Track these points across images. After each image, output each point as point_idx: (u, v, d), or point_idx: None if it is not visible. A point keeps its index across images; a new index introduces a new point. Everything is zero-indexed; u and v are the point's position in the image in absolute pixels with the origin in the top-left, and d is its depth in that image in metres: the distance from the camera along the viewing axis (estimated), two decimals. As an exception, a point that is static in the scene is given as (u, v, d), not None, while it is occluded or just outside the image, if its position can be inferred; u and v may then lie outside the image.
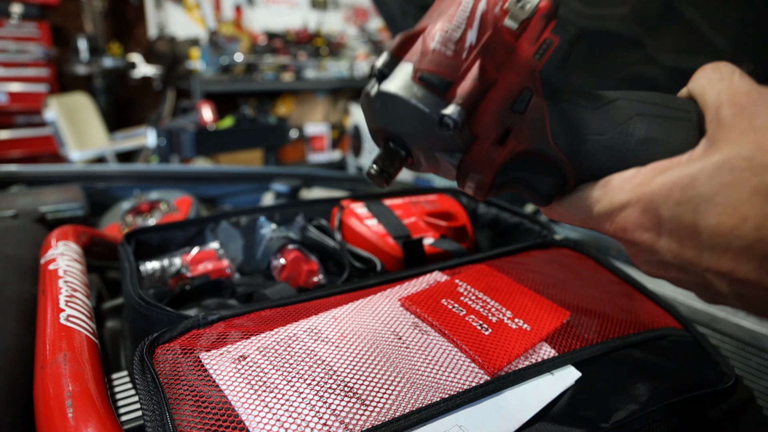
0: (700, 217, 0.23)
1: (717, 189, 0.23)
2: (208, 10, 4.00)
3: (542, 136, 0.29)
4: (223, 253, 0.72)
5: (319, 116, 4.69)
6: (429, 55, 0.28)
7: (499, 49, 0.29)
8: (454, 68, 0.28)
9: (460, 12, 0.29)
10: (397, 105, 0.28)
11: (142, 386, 0.39)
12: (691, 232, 0.24)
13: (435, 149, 0.29)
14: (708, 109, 0.26)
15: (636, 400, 0.43)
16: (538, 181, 0.30)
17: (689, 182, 0.24)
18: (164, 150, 2.36)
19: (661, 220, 0.25)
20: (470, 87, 0.28)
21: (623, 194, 0.27)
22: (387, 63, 0.29)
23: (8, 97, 3.46)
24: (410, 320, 0.49)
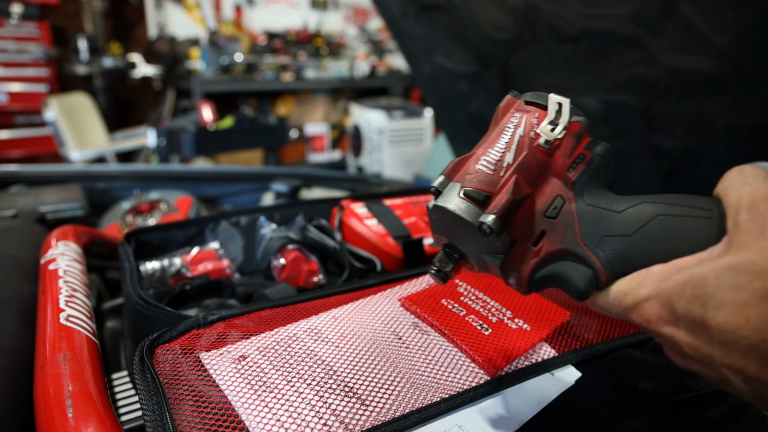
0: (707, 314, 0.25)
1: (723, 289, 0.25)
2: (208, 10, 3.99)
3: (572, 238, 0.33)
4: (223, 253, 0.72)
5: (319, 116, 4.69)
6: (473, 174, 0.35)
7: (533, 166, 0.35)
8: (493, 184, 0.34)
9: (502, 137, 0.36)
10: (447, 216, 0.34)
11: (142, 386, 0.39)
12: (702, 328, 0.26)
13: (481, 252, 0.35)
14: (729, 211, 0.28)
15: (636, 400, 0.43)
16: (573, 277, 0.33)
17: (700, 281, 0.26)
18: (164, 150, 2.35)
19: (677, 315, 0.27)
20: (505, 199, 0.33)
21: (645, 289, 0.29)
22: (441, 183, 0.36)
23: (8, 97, 3.46)
24: (410, 320, 0.49)
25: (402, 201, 0.81)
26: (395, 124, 3.28)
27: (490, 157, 0.35)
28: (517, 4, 0.92)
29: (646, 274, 0.30)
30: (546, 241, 0.34)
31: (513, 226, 0.34)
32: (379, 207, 0.77)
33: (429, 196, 0.85)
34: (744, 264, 0.25)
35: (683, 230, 0.31)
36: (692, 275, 0.27)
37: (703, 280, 0.26)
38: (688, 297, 0.26)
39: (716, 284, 0.25)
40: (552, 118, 0.35)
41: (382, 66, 4.73)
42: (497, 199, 0.33)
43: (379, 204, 0.78)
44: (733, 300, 0.24)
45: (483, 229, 0.32)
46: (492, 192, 0.34)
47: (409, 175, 3.26)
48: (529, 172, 0.34)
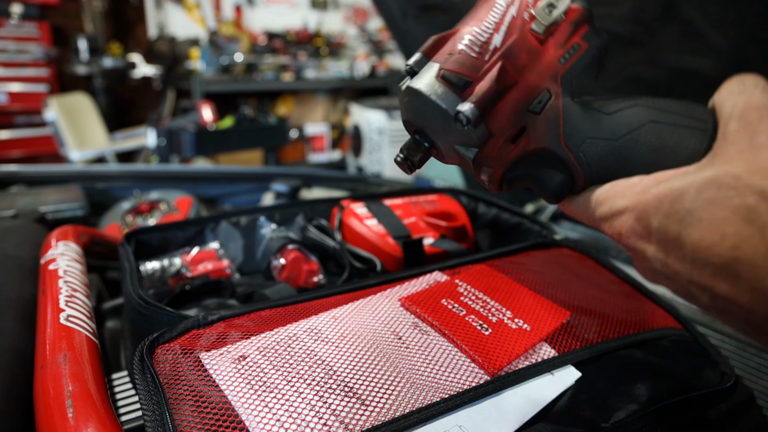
0: (684, 230, 0.24)
1: (702, 205, 0.23)
2: (208, 10, 4.00)
3: (554, 137, 0.31)
4: (223, 253, 0.72)
5: (319, 116, 4.69)
6: (454, 56, 0.31)
7: (523, 53, 0.31)
8: (475, 69, 0.30)
9: (490, 17, 0.31)
10: (421, 100, 0.31)
11: (142, 386, 0.39)
12: (676, 244, 0.25)
13: (454, 143, 0.31)
14: (720, 121, 0.26)
15: (636, 400, 0.43)
16: (548, 179, 0.31)
17: (678, 195, 0.25)
18: (164, 150, 2.36)
19: (651, 229, 0.26)
20: (487, 87, 0.29)
21: (623, 200, 0.28)
22: (417, 61, 0.31)
23: (8, 97, 3.46)
24: (410, 320, 0.49)
25: (402, 201, 0.81)
26: (395, 124, 3.28)
27: (476, 37, 0.31)
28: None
29: (626, 185, 0.28)
30: (525, 138, 0.31)
31: (492, 118, 0.30)
32: (379, 207, 0.77)
33: (429, 195, 0.85)
34: (726, 178, 0.23)
35: (673, 141, 0.28)
36: (672, 189, 0.25)
37: (682, 194, 0.24)
38: (664, 211, 0.25)
39: (695, 199, 0.24)
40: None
41: (382, 66, 4.73)
42: (478, 86, 0.30)
43: (379, 204, 0.78)
44: (710, 216, 0.23)
45: (459, 118, 0.29)
46: (473, 77, 0.30)
47: (409, 175, 3.25)
48: (517, 58, 0.30)
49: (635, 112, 0.30)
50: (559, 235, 0.75)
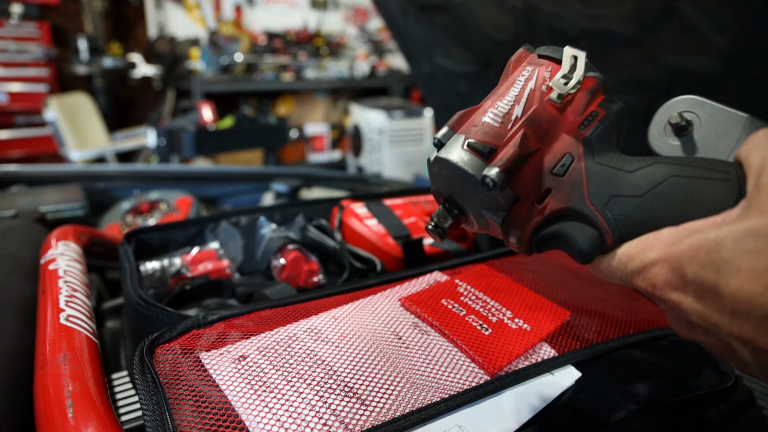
0: (722, 281, 0.23)
1: (740, 254, 0.23)
2: (208, 10, 4.00)
3: (580, 197, 0.32)
4: (223, 253, 0.72)
5: (319, 116, 4.69)
6: (478, 126, 0.33)
7: (543, 121, 0.33)
8: (499, 137, 0.32)
9: (512, 90, 0.34)
10: (449, 168, 0.33)
11: (142, 386, 0.39)
12: (714, 295, 0.24)
13: (482, 208, 0.33)
14: (750, 172, 0.26)
15: (636, 400, 0.43)
16: (578, 237, 0.32)
17: (715, 245, 0.24)
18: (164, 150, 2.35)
19: (687, 280, 0.25)
20: (511, 152, 0.32)
21: (654, 252, 0.27)
22: (444, 134, 0.34)
23: (8, 97, 3.46)
24: (410, 320, 0.49)
25: (402, 201, 0.81)
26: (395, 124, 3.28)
27: (498, 109, 0.33)
28: (517, 4, 0.92)
29: (655, 237, 0.28)
30: (551, 199, 0.32)
31: (517, 183, 0.32)
32: (379, 207, 0.77)
33: (429, 196, 0.85)
34: (765, 228, 0.23)
35: (698, 192, 0.29)
36: (707, 239, 0.25)
37: (718, 244, 0.24)
38: (700, 261, 0.25)
39: (733, 249, 0.23)
40: (566, 71, 0.33)
41: (382, 66, 4.73)
42: (502, 152, 0.32)
43: (379, 204, 0.78)
44: (750, 266, 0.23)
45: (486, 182, 0.31)
46: (498, 145, 0.32)
47: (409, 175, 3.26)
48: (538, 126, 0.33)
49: (657, 168, 0.31)
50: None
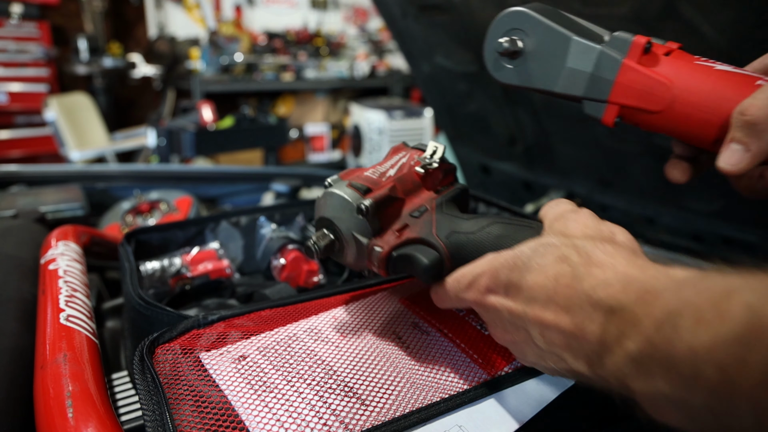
0: (522, 278, 0.33)
1: (534, 257, 0.33)
2: (208, 10, 4.00)
3: (428, 231, 0.42)
4: (223, 253, 0.72)
5: (319, 116, 4.69)
6: (360, 176, 0.45)
7: (408, 182, 0.45)
8: (374, 183, 0.44)
9: (389, 161, 0.48)
10: (334, 198, 0.43)
11: (142, 386, 0.39)
12: (517, 290, 0.33)
13: (354, 231, 0.42)
14: (545, 224, 0.38)
15: (636, 400, 0.43)
16: (423, 258, 0.40)
17: (519, 254, 0.34)
18: (164, 150, 2.36)
19: (501, 283, 0.35)
20: (381, 192, 0.43)
21: (480, 267, 0.37)
22: (334, 180, 0.45)
23: (8, 97, 3.46)
24: (410, 320, 0.49)
25: (402, 201, 0.81)
26: (395, 124, 3.28)
27: (377, 169, 0.46)
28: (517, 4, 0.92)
29: (482, 258, 0.38)
30: (407, 231, 0.43)
31: (383, 217, 0.42)
32: (379, 207, 0.77)
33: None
34: (549, 239, 0.34)
35: (512, 233, 0.40)
36: (514, 253, 0.35)
37: (521, 253, 0.34)
38: (509, 267, 0.34)
39: (529, 254, 0.33)
40: (430, 153, 0.48)
41: (382, 66, 4.73)
42: (375, 192, 0.43)
43: (379, 204, 0.78)
44: (539, 263, 0.32)
45: (361, 208, 0.41)
46: (372, 188, 0.43)
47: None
48: (404, 183, 0.45)
49: (485, 219, 0.42)
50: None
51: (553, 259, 0.32)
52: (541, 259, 0.32)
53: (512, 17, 0.43)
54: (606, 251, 0.31)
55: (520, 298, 0.33)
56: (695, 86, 0.37)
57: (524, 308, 0.32)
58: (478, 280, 0.36)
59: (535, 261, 0.32)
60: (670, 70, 0.38)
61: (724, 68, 0.37)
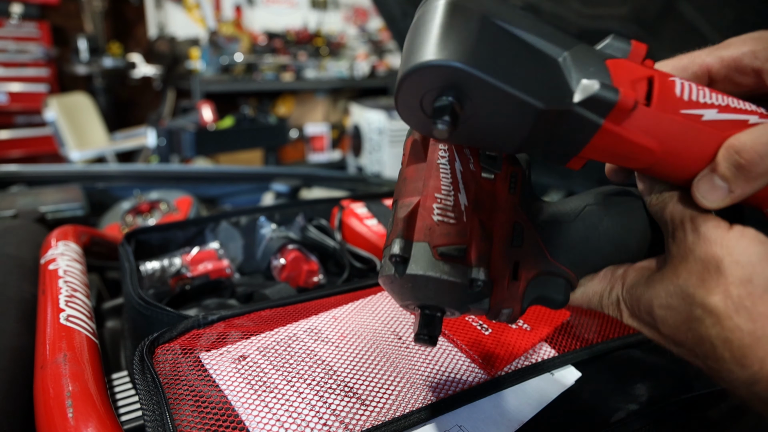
0: (658, 325, 0.31)
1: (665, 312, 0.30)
2: (208, 10, 3.99)
3: (543, 258, 0.34)
4: (223, 253, 0.72)
5: (319, 116, 4.69)
6: (437, 229, 0.31)
7: (486, 200, 0.33)
8: (462, 233, 0.31)
9: (444, 179, 0.32)
10: (430, 283, 0.31)
11: (142, 386, 0.39)
12: (656, 331, 0.32)
13: (466, 304, 0.32)
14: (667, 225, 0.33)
15: (636, 400, 0.43)
16: (553, 292, 0.35)
17: (649, 302, 0.31)
18: (164, 150, 2.35)
19: (639, 317, 0.33)
20: (482, 246, 0.31)
21: (614, 294, 0.34)
22: (403, 247, 0.31)
23: (8, 97, 3.46)
24: (410, 320, 0.49)
25: (402, 201, 0.81)
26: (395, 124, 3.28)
27: (443, 203, 0.31)
28: (516, 4, 0.92)
29: (611, 278, 0.35)
30: (523, 271, 0.34)
31: (490, 269, 0.32)
32: (379, 207, 0.77)
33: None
34: (679, 291, 0.30)
35: (624, 231, 0.35)
36: (643, 296, 0.32)
37: (650, 303, 0.31)
38: (643, 310, 0.32)
39: (663, 309, 0.30)
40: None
41: (382, 66, 4.73)
42: (473, 249, 0.31)
43: (379, 204, 0.78)
44: (672, 321, 0.30)
45: (476, 285, 0.30)
46: (465, 242, 0.31)
47: (409, 175, 3.25)
48: (483, 207, 0.32)
49: (590, 213, 0.35)
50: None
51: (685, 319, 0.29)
52: (674, 316, 0.30)
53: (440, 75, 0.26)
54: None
55: (662, 337, 0.31)
56: (682, 145, 0.30)
57: (665, 341, 0.32)
58: (614, 306, 0.34)
59: (669, 316, 0.30)
60: (653, 127, 0.29)
61: (712, 115, 0.30)
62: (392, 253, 0.30)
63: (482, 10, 0.27)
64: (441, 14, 0.27)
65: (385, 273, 0.31)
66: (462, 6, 0.27)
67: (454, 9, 0.27)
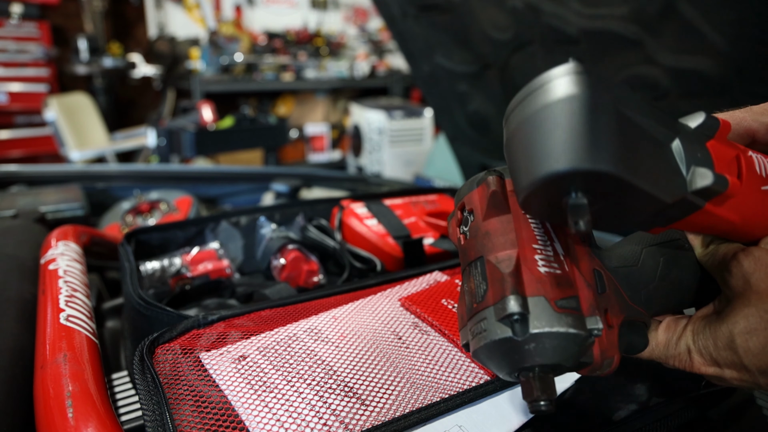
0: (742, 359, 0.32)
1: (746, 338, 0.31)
2: (208, 10, 3.99)
3: (624, 303, 0.34)
4: (223, 253, 0.72)
5: (319, 116, 4.69)
6: (546, 281, 0.30)
7: (570, 247, 0.33)
8: (569, 283, 0.31)
9: (536, 230, 0.32)
10: (554, 339, 0.30)
11: (142, 386, 0.39)
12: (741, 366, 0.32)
13: (580, 359, 0.32)
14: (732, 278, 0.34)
15: (636, 400, 0.43)
16: (639, 336, 0.35)
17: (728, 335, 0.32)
18: (164, 150, 2.35)
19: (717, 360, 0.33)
20: (591, 293, 0.31)
21: (683, 343, 0.35)
22: (521, 304, 0.29)
23: (8, 97, 3.46)
24: (410, 320, 0.49)
25: (402, 201, 0.81)
26: (395, 124, 3.28)
27: (545, 254, 0.31)
28: (517, 5, 0.92)
29: (676, 327, 0.36)
30: (612, 317, 0.33)
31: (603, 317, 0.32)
32: (379, 207, 0.77)
33: (429, 195, 0.85)
34: (755, 311, 0.31)
35: (681, 273, 0.36)
36: (719, 331, 0.33)
37: (730, 334, 0.32)
38: (721, 347, 0.32)
39: (740, 333, 0.31)
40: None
41: (382, 66, 4.73)
42: (584, 297, 0.31)
43: (379, 204, 0.78)
44: (756, 345, 0.31)
45: (594, 334, 0.30)
46: (575, 293, 0.31)
47: (409, 175, 3.26)
48: (573, 254, 0.33)
49: (648, 255, 0.36)
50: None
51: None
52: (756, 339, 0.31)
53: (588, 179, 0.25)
54: None
55: (749, 373, 0.32)
56: (758, 218, 0.32)
57: (759, 379, 0.32)
58: (685, 356, 0.35)
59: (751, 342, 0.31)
60: (741, 204, 0.31)
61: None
62: (509, 312, 0.29)
63: (613, 99, 0.26)
64: (578, 110, 0.25)
65: (494, 338, 0.30)
66: (596, 99, 0.25)
67: (592, 103, 0.25)
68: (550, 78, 0.26)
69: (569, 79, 0.25)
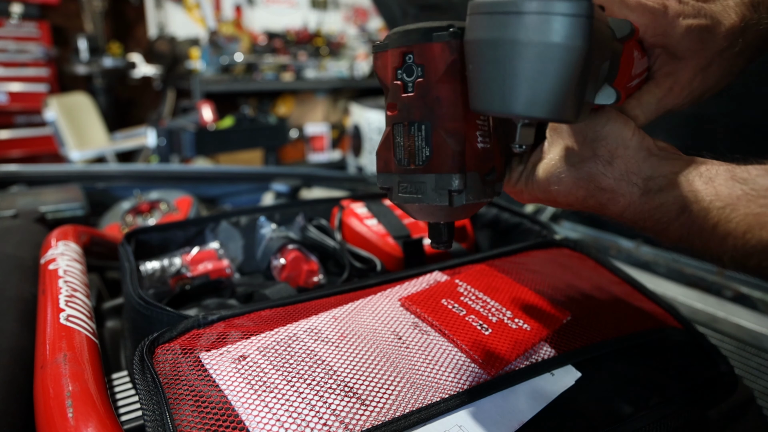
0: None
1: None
2: (208, 10, 3.99)
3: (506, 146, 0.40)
4: (223, 253, 0.72)
5: (319, 116, 4.69)
6: (482, 156, 0.34)
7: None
8: (492, 155, 0.35)
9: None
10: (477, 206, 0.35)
11: (142, 386, 0.39)
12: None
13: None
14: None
15: (636, 400, 0.43)
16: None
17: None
18: (164, 150, 2.35)
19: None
20: (502, 161, 0.37)
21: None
22: (463, 181, 0.33)
23: (8, 97, 3.46)
24: (410, 320, 0.49)
25: (402, 201, 0.81)
26: (395, 124, 3.28)
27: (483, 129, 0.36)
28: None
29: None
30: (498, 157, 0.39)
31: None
32: (379, 207, 0.77)
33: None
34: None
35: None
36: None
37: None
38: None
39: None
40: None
41: (382, 66, 4.72)
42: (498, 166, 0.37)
43: (379, 204, 0.78)
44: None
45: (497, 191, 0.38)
46: (494, 163, 0.37)
47: (409, 175, 3.25)
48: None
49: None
50: (559, 235, 0.75)
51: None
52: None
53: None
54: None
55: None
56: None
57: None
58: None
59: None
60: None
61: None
62: (453, 189, 0.32)
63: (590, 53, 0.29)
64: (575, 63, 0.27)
65: (431, 202, 0.33)
66: (591, 55, 0.28)
67: (587, 58, 0.28)
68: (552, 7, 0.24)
69: (573, 22, 0.24)
